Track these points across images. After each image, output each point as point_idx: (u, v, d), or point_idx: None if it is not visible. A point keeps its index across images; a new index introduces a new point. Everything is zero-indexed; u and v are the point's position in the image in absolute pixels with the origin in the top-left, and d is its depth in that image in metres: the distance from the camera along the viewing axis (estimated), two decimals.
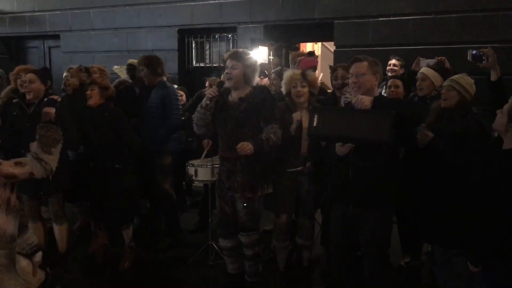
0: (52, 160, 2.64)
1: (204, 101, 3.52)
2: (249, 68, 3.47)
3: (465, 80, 3.29)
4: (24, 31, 9.11)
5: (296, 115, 3.71)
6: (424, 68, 4.11)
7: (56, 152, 2.67)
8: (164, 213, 4.93)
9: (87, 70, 4.63)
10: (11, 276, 2.57)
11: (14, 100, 4.00)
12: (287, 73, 3.91)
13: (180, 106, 4.78)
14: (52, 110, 2.81)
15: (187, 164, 4.37)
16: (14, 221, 2.63)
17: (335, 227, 3.10)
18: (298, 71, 3.91)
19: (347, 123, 2.76)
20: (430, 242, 3.61)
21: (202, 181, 4.32)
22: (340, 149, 2.87)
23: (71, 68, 4.84)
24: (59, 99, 2.93)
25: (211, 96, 3.49)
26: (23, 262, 2.70)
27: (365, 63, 2.92)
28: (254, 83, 3.58)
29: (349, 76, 3.00)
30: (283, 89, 3.91)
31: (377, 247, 2.96)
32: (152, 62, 4.62)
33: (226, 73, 3.51)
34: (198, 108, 3.57)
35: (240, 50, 3.65)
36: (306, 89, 3.79)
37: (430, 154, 3.20)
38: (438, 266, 3.24)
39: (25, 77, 3.94)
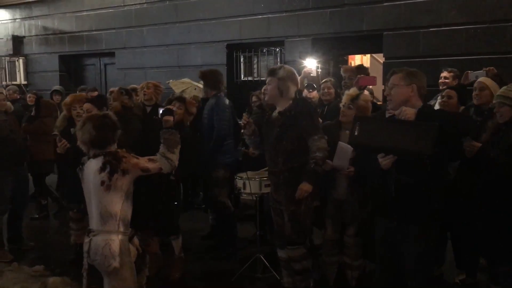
0: (175, 158, 3.09)
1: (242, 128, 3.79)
2: (281, 81, 3.51)
3: None
4: (82, 49, 9.58)
5: (327, 165, 3.61)
6: (484, 78, 4.03)
7: (177, 152, 3.12)
8: (223, 224, 5.02)
9: (128, 93, 4.80)
10: (128, 260, 2.97)
11: (72, 130, 4.23)
12: (347, 91, 3.95)
13: (226, 118, 4.85)
14: (171, 118, 3.20)
15: (235, 177, 4.42)
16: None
17: (379, 243, 3.04)
18: (356, 92, 3.89)
19: (389, 134, 2.69)
20: (491, 260, 3.48)
21: (250, 193, 4.35)
22: (382, 162, 2.79)
23: (112, 91, 5.01)
24: (174, 109, 3.37)
25: (244, 123, 3.69)
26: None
27: (398, 75, 2.85)
28: (293, 95, 3.57)
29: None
30: (341, 104, 3.93)
31: (421, 264, 2.87)
32: (205, 76, 4.92)
33: (264, 89, 3.61)
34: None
35: (277, 65, 3.72)
36: (351, 112, 3.76)
37: (482, 167, 3.11)
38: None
39: (83, 107, 4.18)
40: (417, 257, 2.85)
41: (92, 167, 2.95)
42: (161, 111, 3.31)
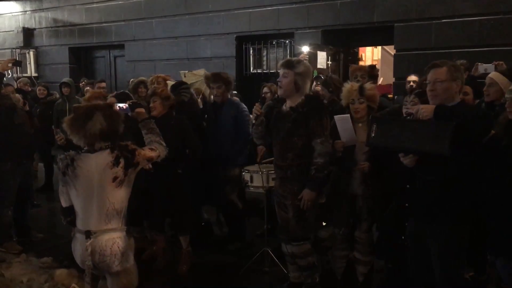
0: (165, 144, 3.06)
1: (253, 118, 3.68)
2: (299, 76, 3.42)
3: None
4: (92, 41, 9.60)
5: (337, 145, 3.58)
6: (493, 72, 3.92)
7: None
8: (231, 221, 5.05)
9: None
10: (132, 253, 2.84)
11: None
12: (346, 87, 3.81)
13: (250, 121, 4.83)
14: (143, 110, 3.14)
15: (242, 170, 4.39)
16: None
17: (409, 241, 3.00)
18: (356, 85, 3.77)
19: (406, 135, 2.64)
20: (494, 255, 3.40)
21: (257, 187, 4.32)
22: (404, 161, 2.76)
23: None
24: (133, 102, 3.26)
25: (256, 114, 3.60)
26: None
27: (443, 69, 2.74)
28: (307, 91, 3.52)
29: (427, 83, 2.83)
30: (343, 102, 3.83)
31: (445, 263, 2.80)
32: (225, 79, 4.72)
33: (277, 81, 3.53)
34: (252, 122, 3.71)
35: (293, 58, 3.63)
36: (363, 105, 3.67)
37: (492, 156, 3.02)
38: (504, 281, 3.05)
39: (109, 101, 4.15)
40: (440, 257, 2.80)
41: (95, 162, 2.69)
42: (122, 106, 3.18)
